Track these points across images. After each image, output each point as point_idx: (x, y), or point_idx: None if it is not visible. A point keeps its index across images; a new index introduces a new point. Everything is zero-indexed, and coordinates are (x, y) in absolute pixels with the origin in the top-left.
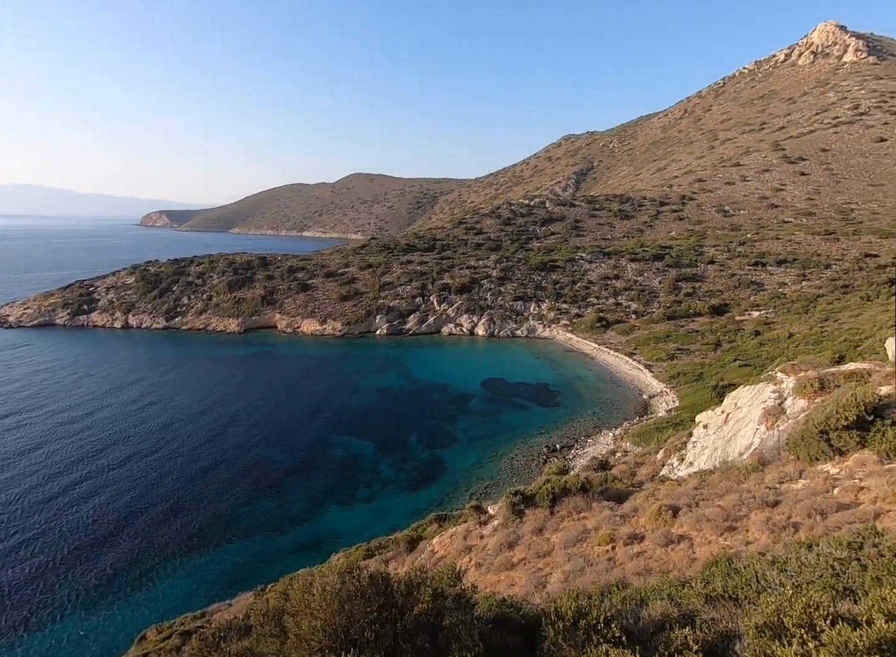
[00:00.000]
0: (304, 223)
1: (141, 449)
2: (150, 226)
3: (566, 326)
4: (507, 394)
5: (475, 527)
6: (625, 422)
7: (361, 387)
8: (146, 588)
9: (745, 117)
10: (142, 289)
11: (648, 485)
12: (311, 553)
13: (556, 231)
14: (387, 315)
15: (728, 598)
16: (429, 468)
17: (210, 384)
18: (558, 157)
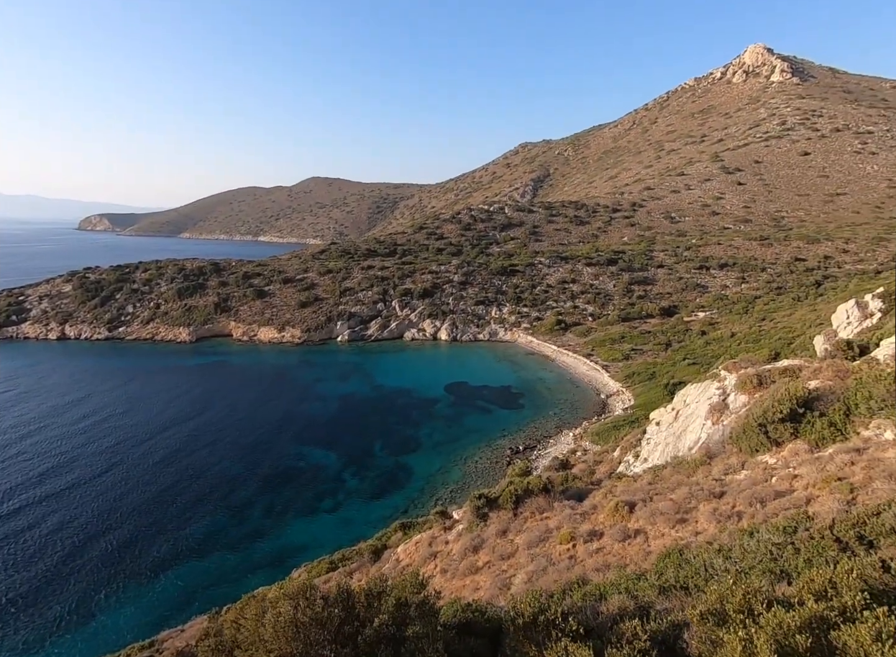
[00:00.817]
0: (260, 228)
1: (86, 472)
2: (90, 230)
3: (527, 329)
4: (471, 398)
5: (440, 532)
6: (584, 422)
7: (323, 396)
8: (92, 620)
9: (687, 130)
10: (80, 297)
11: (606, 483)
12: (272, 569)
13: (516, 236)
14: (348, 321)
15: (679, 588)
16: (394, 475)
17: (161, 397)
18: (516, 164)
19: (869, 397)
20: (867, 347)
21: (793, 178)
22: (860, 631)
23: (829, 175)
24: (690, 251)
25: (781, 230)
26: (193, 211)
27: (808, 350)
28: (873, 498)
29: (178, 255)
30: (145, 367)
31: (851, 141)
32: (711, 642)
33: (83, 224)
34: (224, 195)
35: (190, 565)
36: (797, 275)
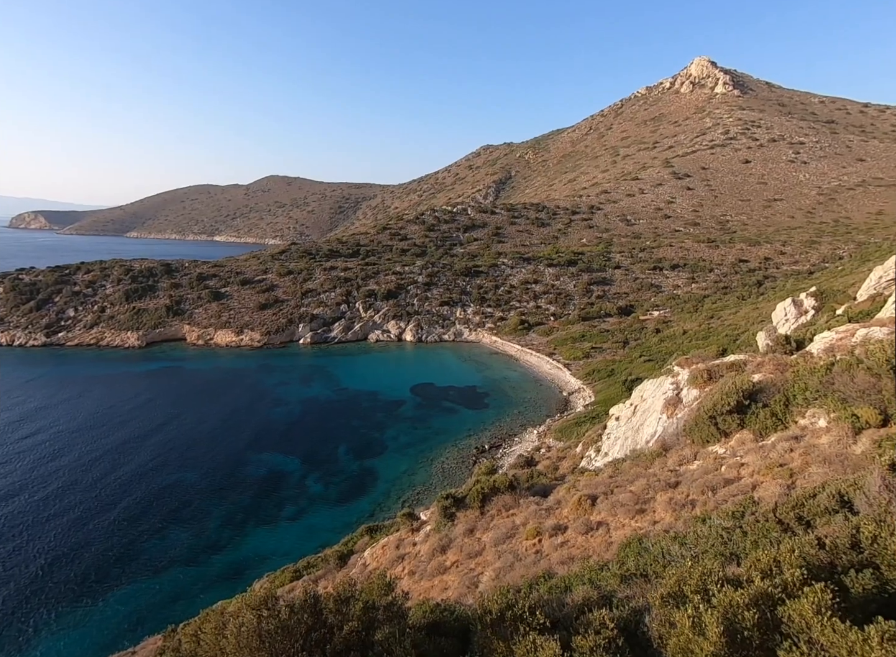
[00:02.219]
0: (216, 227)
1: (21, 489)
2: (23, 228)
3: (491, 329)
4: (437, 399)
5: (408, 534)
6: (548, 419)
7: (285, 400)
8: (30, 648)
9: (640, 136)
10: (13, 300)
11: (570, 478)
12: (232, 582)
13: (479, 237)
14: (310, 323)
15: (640, 576)
16: (359, 479)
17: (107, 405)
18: (478, 167)
19: (805, 389)
20: (803, 342)
21: (735, 184)
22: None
23: (768, 182)
24: (645, 252)
25: (726, 233)
26: (142, 209)
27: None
28: (810, 481)
29: (126, 256)
30: (90, 375)
31: (786, 150)
32: (669, 624)
33: (15, 221)
34: (175, 193)
35: (140, 584)
36: (741, 275)
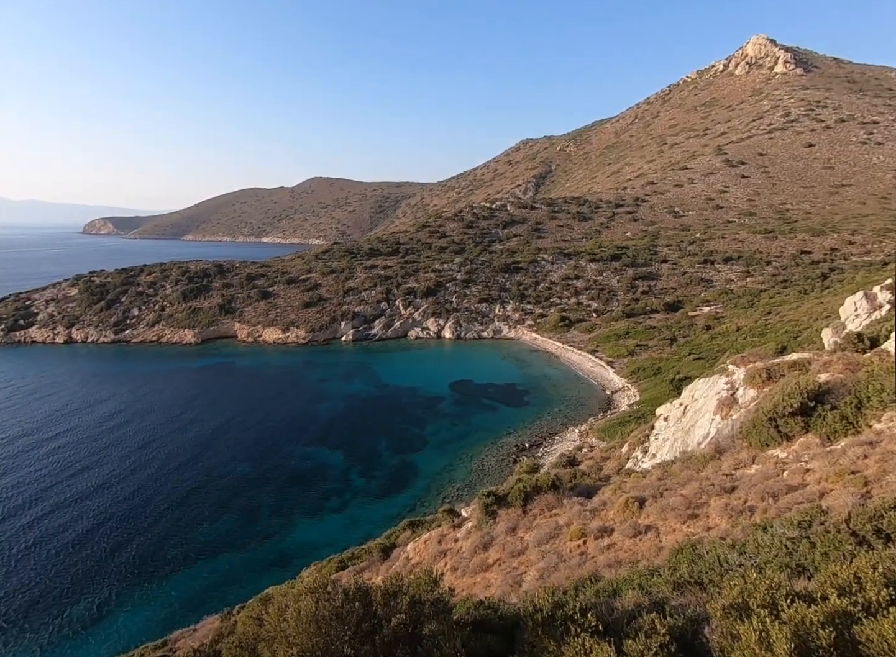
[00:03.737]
0: (263, 229)
1: (107, 477)
2: (94, 234)
3: (531, 326)
4: (476, 396)
5: (449, 530)
6: (590, 418)
7: (328, 395)
8: (105, 619)
9: (690, 123)
10: (86, 301)
11: (615, 479)
12: (281, 569)
13: (518, 233)
14: (352, 321)
15: (694, 584)
16: (400, 474)
17: (168, 400)
18: (517, 161)
19: (881, 390)
20: (877, 339)
21: (797, 170)
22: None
23: (835, 166)
24: (694, 245)
25: (786, 223)
26: (197, 213)
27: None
28: (888, 491)
29: (182, 258)
30: (154, 370)
31: (856, 131)
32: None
33: (88, 228)
34: (227, 197)
35: (200, 566)
36: (803, 268)
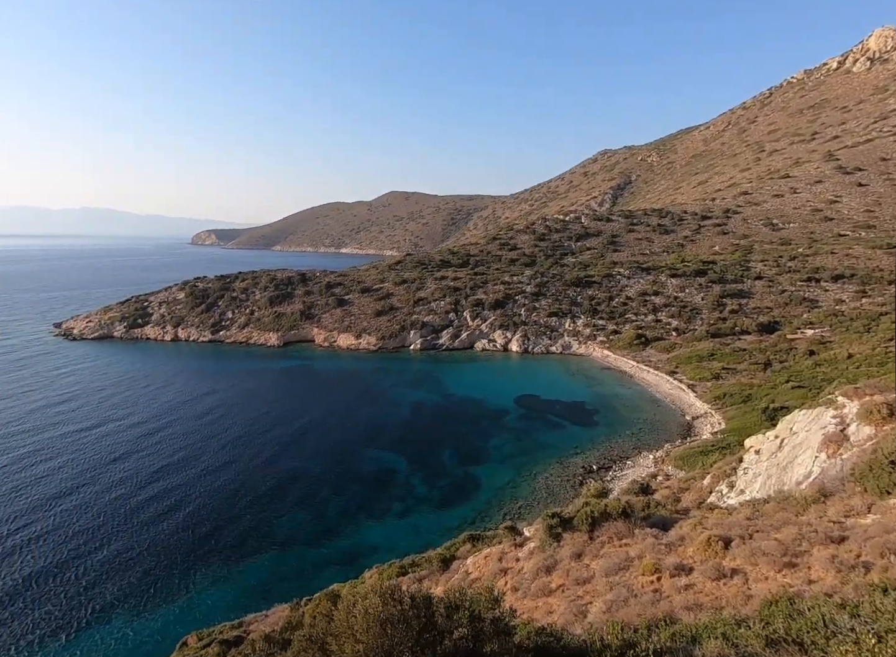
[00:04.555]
0: (342, 240)
1: (207, 466)
2: (200, 244)
3: (603, 343)
4: (542, 412)
5: (510, 548)
6: (666, 444)
7: (395, 402)
8: (188, 594)
9: (794, 127)
10: (190, 303)
11: (695, 513)
12: (344, 567)
13: (592, 246)
14: (420, 330)
15: (792, 642)
16: (462, 485)
17: (256, 398)
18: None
19: None
20: None
21: None
22: None
23: None
24: (796, 261)
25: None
26: (285, 225)
27: None
28: None
29: (272, 266)
30: (244, 369)
31: None
32: None
33: (195, 239)
34: (312, 211)
35: (273, 557)
36: None
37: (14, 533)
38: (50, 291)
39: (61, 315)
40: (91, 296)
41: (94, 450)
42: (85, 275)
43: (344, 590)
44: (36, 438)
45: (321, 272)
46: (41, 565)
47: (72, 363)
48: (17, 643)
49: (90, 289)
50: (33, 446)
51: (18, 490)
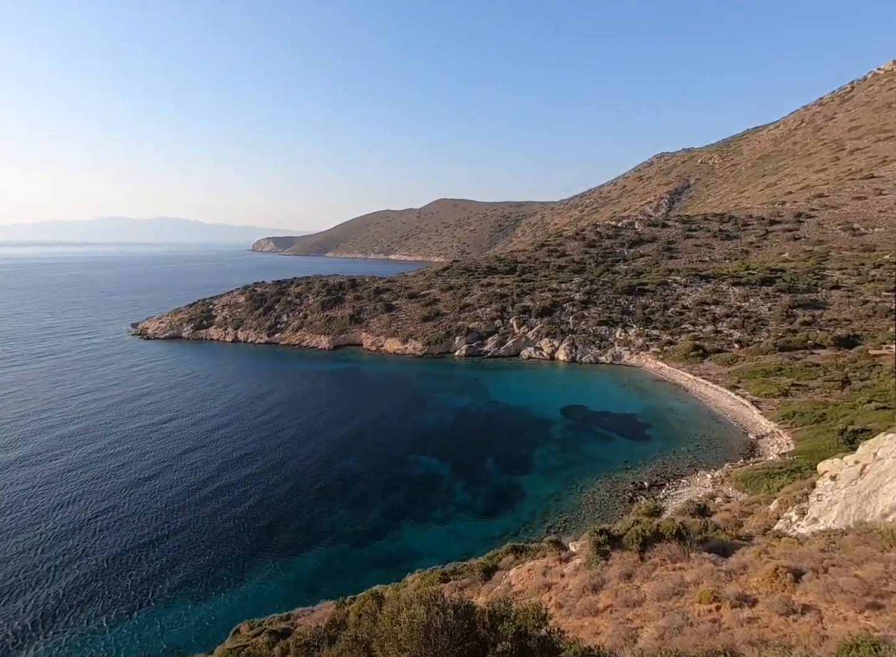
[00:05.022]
0: (391, 247)
1: (266, 462)
2: (260, 251)
3: (656, 354)
4: (590, 423)
5: (555, 563)
6: (726, 464)
7: (440, 407)
8: (242, 584)
9: (880, 123)
10: (249, 307)
11: (760, 540)
12: (387, 569)
13: (646, 253)
14: (466, 336)
15: None
16: (505, 494)
17: (309, 399)
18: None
19: None
20: None
21: None
22: None
23: None
24: (882, 269)
25: None
26: (337, 233)
27: None
28: None
29: (324, 272)
30: (298, 370)
31: None
32: None
33: (255, 246)
34: (363, 218)
35: (320, 553)
36: None
37: (95, 517)
38: (130, 294)
39: (138, 316)
40: (164, 298)
41: (165, 442)
42: (159, 279)
43: (387, 592)
44: (117, 430)
45: (370, 278)
46: (118, 548)
47: (146, 361)
48: (96, 619)
49: (163, 292)
50: (115, 437)
51: (103, 477)
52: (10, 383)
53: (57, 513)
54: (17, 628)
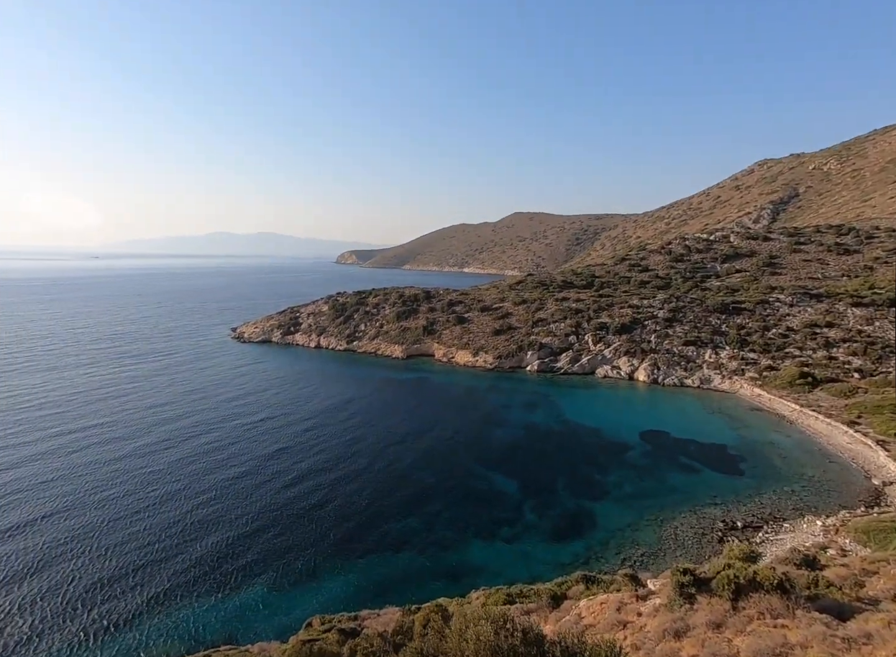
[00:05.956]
0: (465, 260)
1: (347, 470)
2: (343, 263)
3: (754, 380)
4: (672, 451)
5: (630, 599)
6: (842, 511)
7: (508, 422)
8: (315, 580)
9: None
10: (331, 315)
11: (890, 607)
12: (450, 581)
13: (744, 268)
14: (538, 351)
15: None
16: (575, 519)
17: (383, 405)
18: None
19: None
20: None
21: None
22: None
23: None
24: None
25: None
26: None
27: None
28: None
29: (401, 284)
30: (373, 377)
31: None
32: None
33: (339, 259)
34: (439, 232)
35: (387, 558)
36: None
37: (200, 506)
38: (232, 301)
39: (237, 320)
40: (262, 305)
41: (259, 441)
42: (256, 288)
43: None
44: (221, 426)
45: (444, 290)
46: (217, 536)
47: (244, 364)
48: (187, 595)
49: (259, 300)
50: (220, 433)
51: (210, 471)
52: (137, 378)
53: (168, 501)
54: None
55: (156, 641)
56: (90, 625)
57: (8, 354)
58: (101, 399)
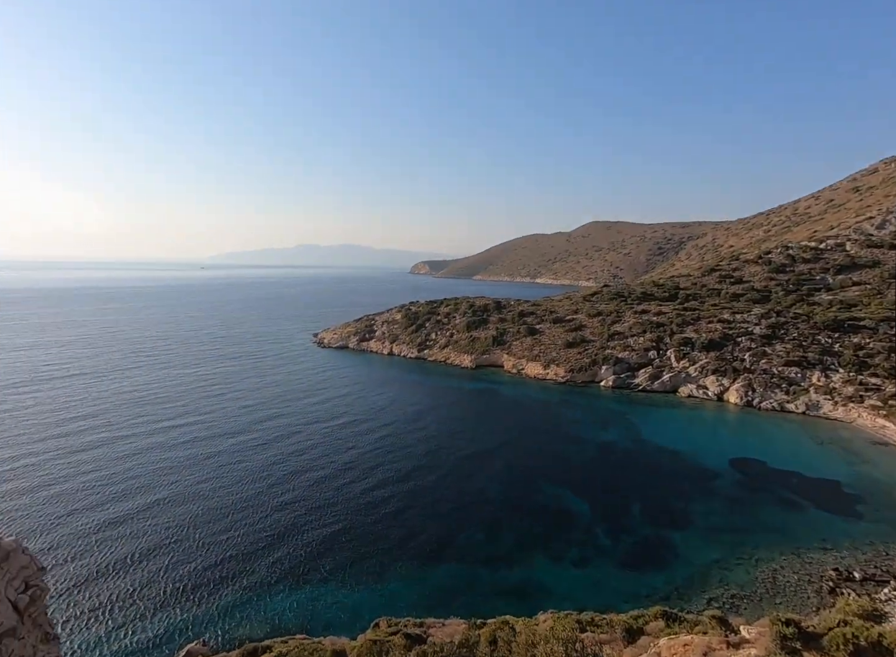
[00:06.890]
0: (538, 271)
1: (404, 466)
2: (416, 273)
3: (876, 409)
4: (770, 483)
5: (720, 645)
6: None
7: (581, 439)
8: (382, 583)
9: None
10: (404, 324)
11: None
12: (516, 599)
13: (863, 281)
14: (614, 366)
15: None
16: (653, 548)
17: (452, 414)
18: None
19: None
20: None
21: None
22: None
23: None
24: None
25: None
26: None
27: None
28: None
29: (471, 294)
30: (442, 386)
31: None
32: None
33: (413, 269)
34: (511, 243)
35: (452, 568)
36: None
37: (286, 505)
38: (316, 308)
39: (318, 327)
40: (343, 313)
41: (339, 446)
42: (337, 296)
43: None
44: (306, 428)
45: (515, 301)
46: (298, 536)
47: (325, 369)
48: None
49: (340, 307)
50: (305, 434)
51: (296, 473)
52: (231, 378)
53: (258, 496)
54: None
55: (240, 622)
56: (186, 601)
57: (131, 353)
58: (204, 397)
